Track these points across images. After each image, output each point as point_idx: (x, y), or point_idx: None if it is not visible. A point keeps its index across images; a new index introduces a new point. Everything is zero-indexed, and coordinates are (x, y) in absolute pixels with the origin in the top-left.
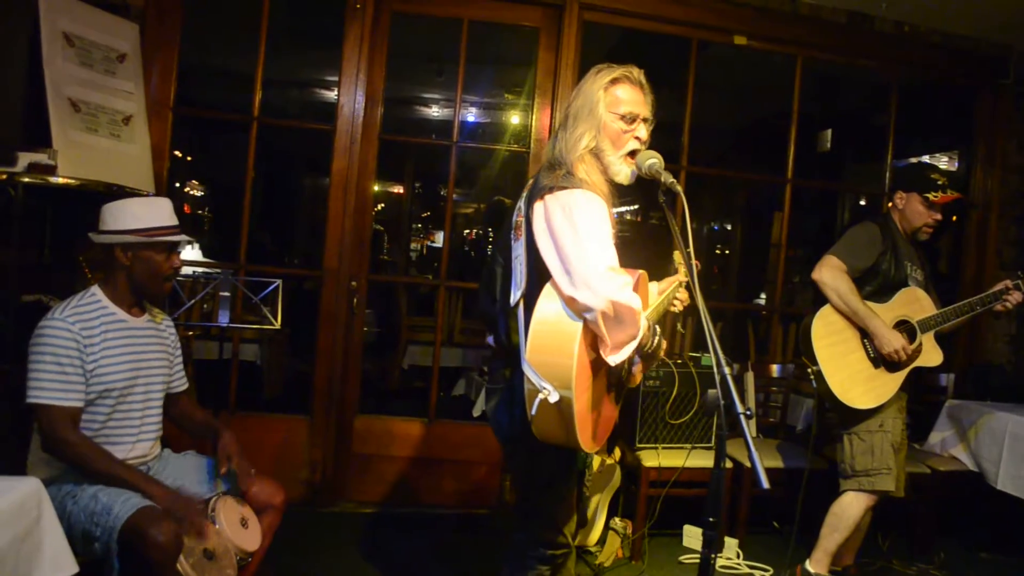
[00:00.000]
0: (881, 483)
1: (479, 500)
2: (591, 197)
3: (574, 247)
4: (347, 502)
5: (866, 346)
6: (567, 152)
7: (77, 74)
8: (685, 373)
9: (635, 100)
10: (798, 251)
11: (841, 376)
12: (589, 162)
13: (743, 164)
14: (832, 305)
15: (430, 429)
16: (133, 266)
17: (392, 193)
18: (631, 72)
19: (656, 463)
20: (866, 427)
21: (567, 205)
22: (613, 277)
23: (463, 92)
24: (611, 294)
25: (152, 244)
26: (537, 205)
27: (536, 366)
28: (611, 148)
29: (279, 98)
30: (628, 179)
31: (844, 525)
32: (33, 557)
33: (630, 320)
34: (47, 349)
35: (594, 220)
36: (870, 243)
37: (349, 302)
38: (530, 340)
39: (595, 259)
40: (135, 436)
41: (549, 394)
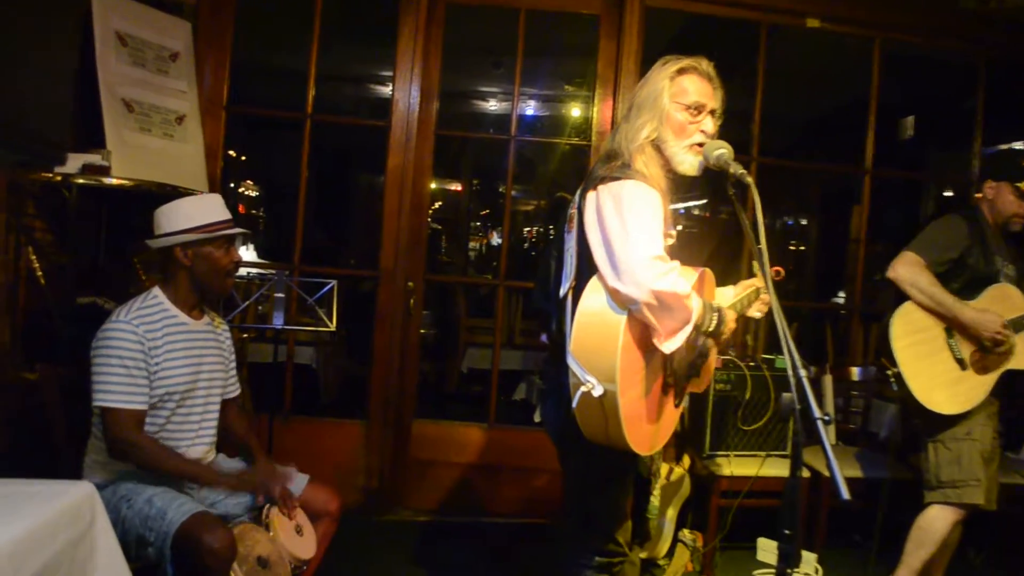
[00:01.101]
0: (969, 495)
1: (540, 509)
2: (644, 188)
3: (620, 238)
4: (404, 509)
5: (952, 346)
6: (627, 142)
7: (130, 74)
8: (758, 376)
9: (702, 91)
10: (879, 246)
11: (924, 379)
12: (649, 154)
13: (818, 155)
14: (914, 302)
15: (489, 434)
16: (194, 265)
17: (450, 191)
18: (699, 63)
19: (728, 472)
20: (952, 435)
21: (618, 195)
22: (655, 266)
23: (521, 84)
24: (652, 283)
25: (211, 240)
26: (590, 195)
27: (580, 359)
28: (674, 139)
29: (333, 94)
30: (694, 169)
31: (930, 540)
32: (86, 562)
33: (678, 306)
34: (113, 352)
35: (643, 211)
36: (953, 236)
37: (405, 303)
38: (574, 332)
39: (639, 250)
40: (191, 440)
41: (593, 387)
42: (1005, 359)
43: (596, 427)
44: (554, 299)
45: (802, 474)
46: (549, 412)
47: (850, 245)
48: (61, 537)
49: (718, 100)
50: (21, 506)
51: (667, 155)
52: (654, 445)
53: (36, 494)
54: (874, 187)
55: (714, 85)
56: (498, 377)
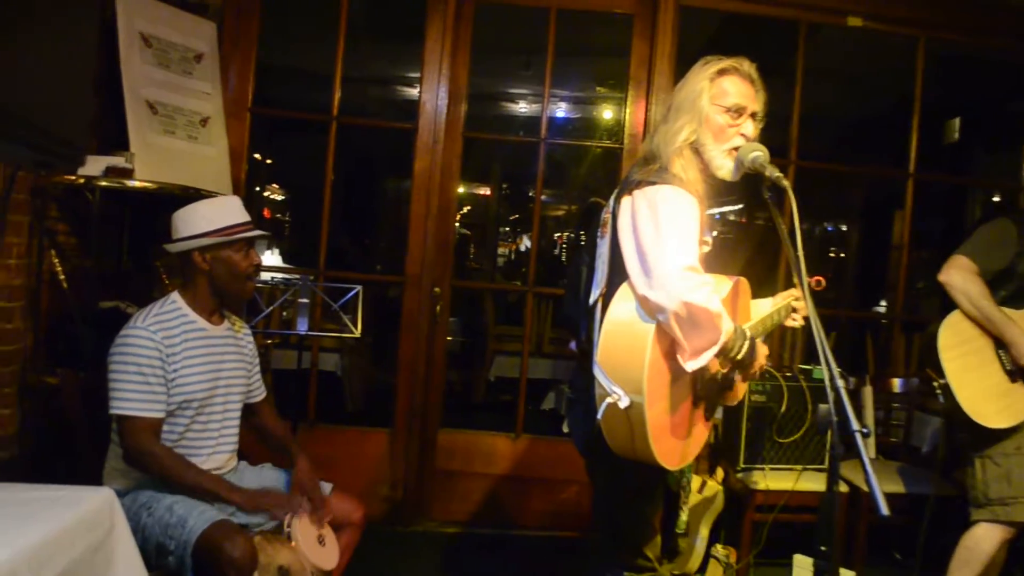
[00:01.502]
0: (1019, 513)
1: (568, 522)
2: (680, 194)
3: (653, 244)
4: (429, 521)
5: (1001, 357)
6: (664, 145)
7: (154, 75)
8: (795, 387)
9: (743, 93)
10: (922, 253)
11: (972, 391)
12: (687, 157)
13: (859, 158)
14: (962, 311)
15: (517, 445)
16: (213, 269)
17: (478, 195)
18: (741, 64)
19: (763, 486)
20: (1001, 449)
21: (654, 201)
22: (688, 277)
23: (552, 86)
24: (684, 294)
25: (229, 243)
26: (624, 200)
27: (607, 369)
28: (713, 142)
29: (359, 96)
30: (732, 174)
31: (976, 560)
32: (105, 570)
33: (707, 323)
34: (130, 359)
35: (679, 217)
36: (1004, 242)
37: (432, 309)
38: (601, 341)
39: (672, 257)
40: (212, 448)
41: (619, 399)
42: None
43: (623, 440)
44: (584, 307)
45: (839, 488)
46: (576, 423)
47: (892, 252)
48: (80, 544)
49: (760, 103)
50: (40, 512)
51: (705, 159)
52: (683, 459)
53: (55, 500)
54: (918, 191)
55: (756, 87)
56: (526, 386)
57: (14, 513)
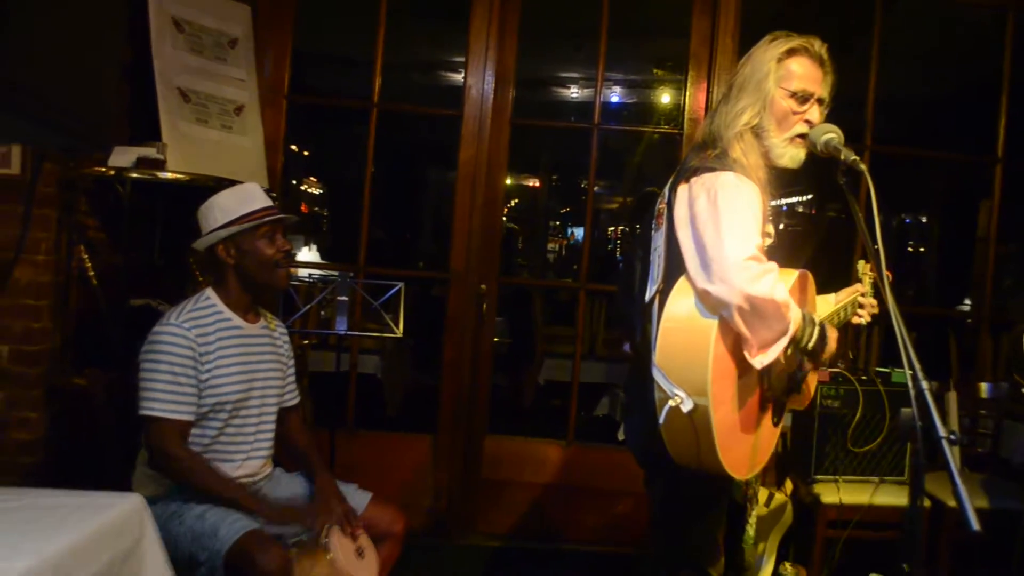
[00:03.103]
0: None
1: (624, 537)
2: (742, 181)
3: (713, 236)
4: (474, 533)
5: None
6: (724, 128)
7: (187, 62)
8: (871, 392)
9: (811, 77)
10: (1010, 247)
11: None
12: (748, 141)
13: (941, 144)
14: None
15: (569, 453)
16: (239, 261)
17: (526, 187)
18: (811, 44)
19: (836, 499)
20: None
21: (712, 188)
22: (749, 267)
23: (605, 69)
24: (745, 286)
25: (250, 230)
26: (681, 189)
27: (667, 370)
28: (775, 129)
29: (401, 83)
30: (795, 163)
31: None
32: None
33: (774, 314)
34: (162, 358)
35: (739, 206)
36: None
37: (478, 308)
38: (659, 340)
39: (733, 249)
40: (247, 453)
41: (682, 402)
42: None
43: (686, 447)
44: (639, 304)
45: (923, 502)
46: (633, 430)
47: (977, 245)
48: (107, 552)
49: (827, 87)
50: (66, 518)
51: (766, 145)
52: (752, 468)
53: (82, 506)
54: (1006, 178)
55: (825, 70)
56: (578, 390)
57: (39, 520)
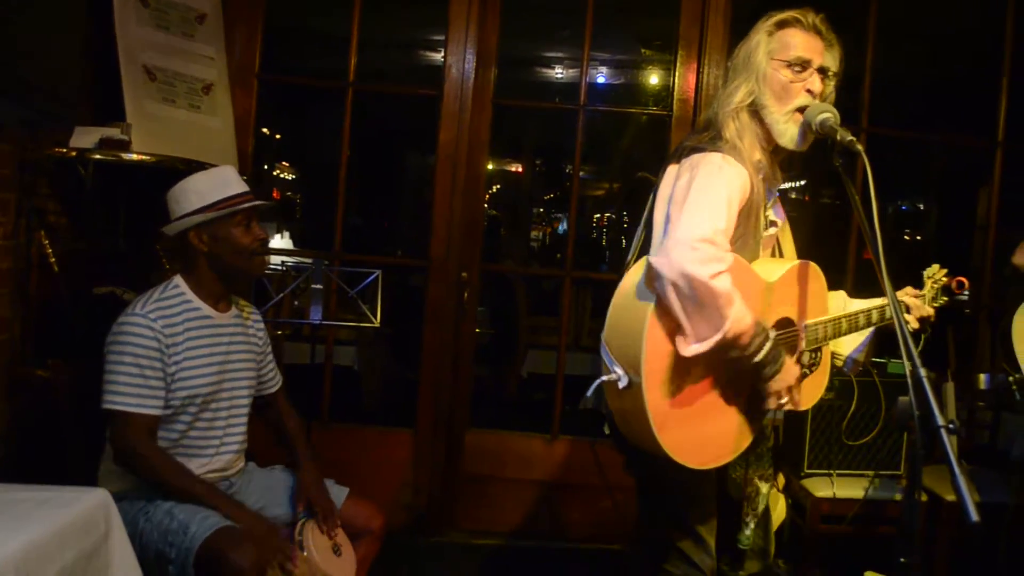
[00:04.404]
0: None
1: (610, 534)
2: (727, 163)
3: (677, 213)
4: (455, 531)
5: None
6: (720, 108)
7: (152, 38)
8: (867, 383)
9: (807, 46)
10: (1011, 234)
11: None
12: (743, 121)
13: (940, 126)
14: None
15: (553, 448)
16: (213, 249)
17: (509, 172)
18: (805, 15)
19: (830, 493)
20: None
21: (696, 168)
22: (698, 247)
23: (591, 48)
24: (685, 264)
25: (226, 217)
26: (671, 168)
27: (610, 346)
28: (775, 103)
29: (377, 63)
30: (797, 142)
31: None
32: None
33: (710, 304)
34: (127, 349)
35: (713, 188)
36: None
37: (459, 296)
38: (608, 316)
39: (689, 227)
40: (216, 448)
41: (618, 379)
42: None
43: (628, 427)
44: None
45: (920, 495)
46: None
47: (976, 232)
48: (73, 549)
49: (833, 58)
50: (30, 513)
51: (767, 123)
52: (710, 459)
53: (46, 501)
54: (1007, 163)
55: (825, 40)
56: (563, 383)
57: (1, 515)
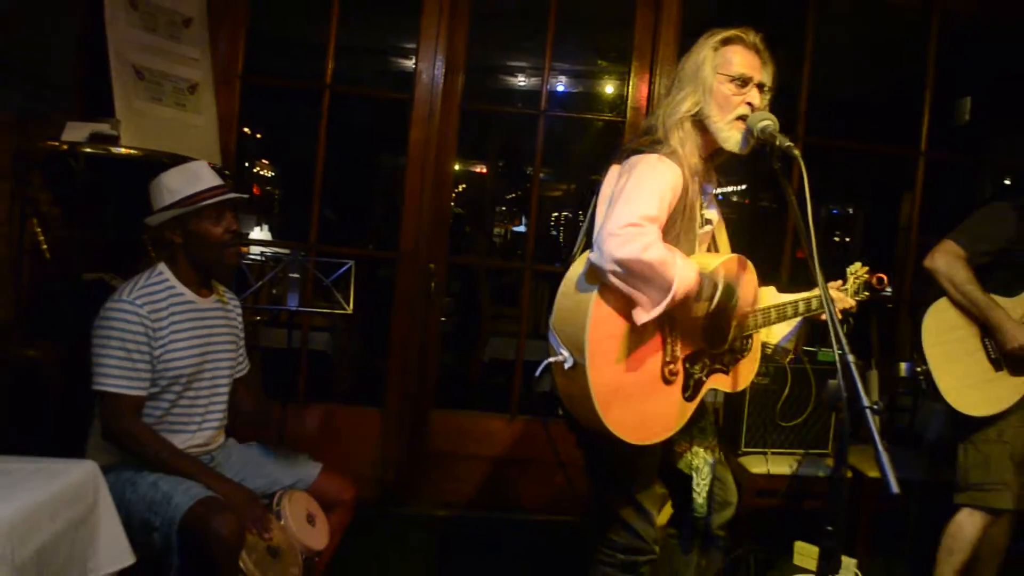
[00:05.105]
0: (995, 500)
1: (565, 506)
2: (663, 162)
3: (612, 207)
4: (421, 503)
5: (987, 346)
6: (666, 117)
7: (141, 39)
8: (799, 370)
9: (748, 63)
10: (931, 236)
11: (953, 378)
12: (687, 130)
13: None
14: (949, 297)
15: (512, 427)
16: (187, 242)
17: (474, 173)
18: (746, 34)
19: (764, 470)
20: (983, 436)
21: (634, 167)
22: (624, 232)
23: (552, 59)
24: (614, 251)
25: (196, 212)
26: (613, 168)
27: (558, 332)
28: (719, 113)
29: (353, 67)
30: (740, 146)
31: (959, 547)
32: (88, 545)
33: (651, 274)
34: (114, 334)
35: (647, 182)
36: (999, 226)
37: (426, 286)
38: (555, 305)
39: (617, 217)
40: (199, 424)
41: (564, 360)
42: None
43: (573, 405)
44: None
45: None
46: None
47: (899, 234)
48: (62, 517)
49: (768, 75)
50: (21, 483)
51: (712, 131)
52: (650, 435)
53: (37, 471)
54: (928, 172)
55: (763, 58)
56: (522, 368)
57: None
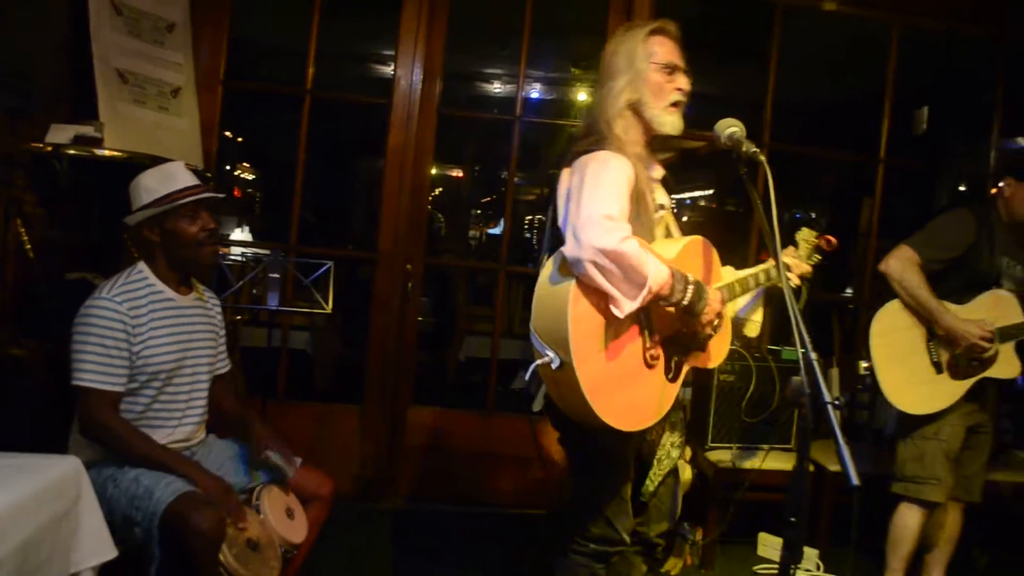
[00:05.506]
0: (927, 493)
1: (537, 499)
2: (612, 156)
3: (576, 204)
4: (398, 497)
5: (930, 349)
6: (606, 108)
7: (125, 44)
8: (763, 368)
9: (673, 52)
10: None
11: (896, 377)
12: (628, 118)
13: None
14: (900, 300)
15: (487, 423)
16: (164, 240)
17: (451, 177)
18: (667, 24)
19: (730, 464)
20: (921, 433)
21: (587, 166)
22: (603, 223)
23: (527, 66)
24: (595, 240)
25: (172, 211)
26: (564, 172)
27: (539, 333)
28: (653, 100)
29: (333, 73)
30: (675, 129)
31: (903, 538)
32: (71, 539)
33: (627, 267)
34: (93, 330)
35: (605, 176)
36: (956, 233)
37: (404, 286)
38: (533, 307)
39: (589, 208)
40: (179, 420)
41: (551, 360)
42: (986, 366)
43: (566, 401)
44: None
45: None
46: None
47: (860, 238)
48: (46, 511)
49: (685, 61)
50: (5, 478)
51: (647, 117)
52: (642, 420)
53: (21, 467)
54: (888, 178)
55: (680, 47)
56: (497, 366)
57: None
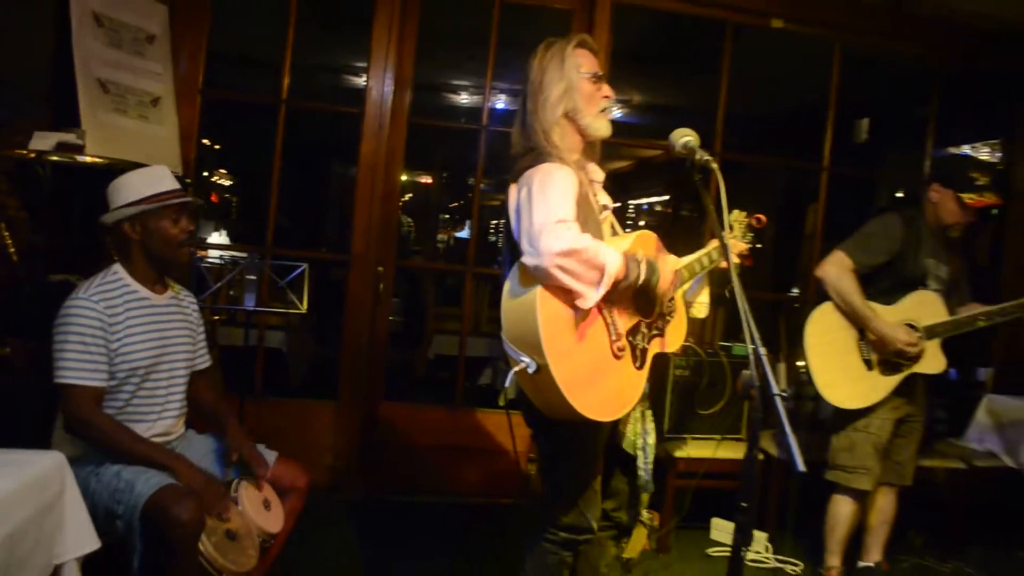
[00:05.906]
0: (856, 481)
1: (504, 490)
2: (556, 167)
3: (528, 215)
4: (370, 489)
5: (861, 348)
6: (543, 118)
7: (106, 55)
8: (716, 363)
9: (595, 62)
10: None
11: (829, 375)
12: (564, 126)
13: (777, 152)
14: (833, 303)
15: (455, 417)
16: (144, 238)
17: (420, 183)
18: (586, 38)
19: (685, 454)
20: (853, 426)
21: (530, 180)
22: (556, 228)
23: (493, 78)
24: (552, 245)
25: (156, 210)
26: (511, 188)
27: (512, 341)
28: (586, 108)
29: (308, 84)
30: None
31: (837, 523)
32: (55, 531)
33: (587, 260)
34: (72, 329)
35: (551, 185)
36: (885, 237)
37: (376, 287)
38: (503, 318)
39: (540, 215)
40: (158, 414)
41: (528, 366)
42: (912, 364)
43: (545, 401)
44: None
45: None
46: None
47: (805, 241)
48: (30, 505)
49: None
50: None
51: (582, 124)
52: (617, 409)
53: (6, 462)
54: (831, 185)
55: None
56: (465, 363)
57: None
